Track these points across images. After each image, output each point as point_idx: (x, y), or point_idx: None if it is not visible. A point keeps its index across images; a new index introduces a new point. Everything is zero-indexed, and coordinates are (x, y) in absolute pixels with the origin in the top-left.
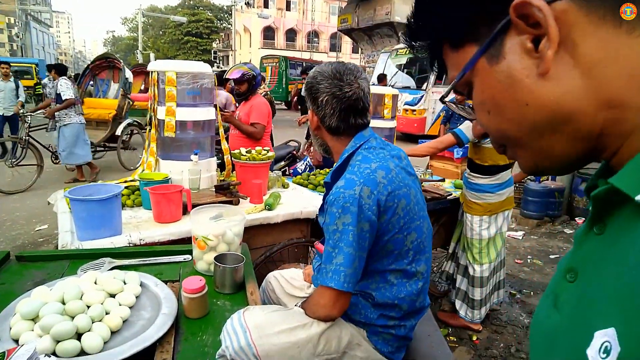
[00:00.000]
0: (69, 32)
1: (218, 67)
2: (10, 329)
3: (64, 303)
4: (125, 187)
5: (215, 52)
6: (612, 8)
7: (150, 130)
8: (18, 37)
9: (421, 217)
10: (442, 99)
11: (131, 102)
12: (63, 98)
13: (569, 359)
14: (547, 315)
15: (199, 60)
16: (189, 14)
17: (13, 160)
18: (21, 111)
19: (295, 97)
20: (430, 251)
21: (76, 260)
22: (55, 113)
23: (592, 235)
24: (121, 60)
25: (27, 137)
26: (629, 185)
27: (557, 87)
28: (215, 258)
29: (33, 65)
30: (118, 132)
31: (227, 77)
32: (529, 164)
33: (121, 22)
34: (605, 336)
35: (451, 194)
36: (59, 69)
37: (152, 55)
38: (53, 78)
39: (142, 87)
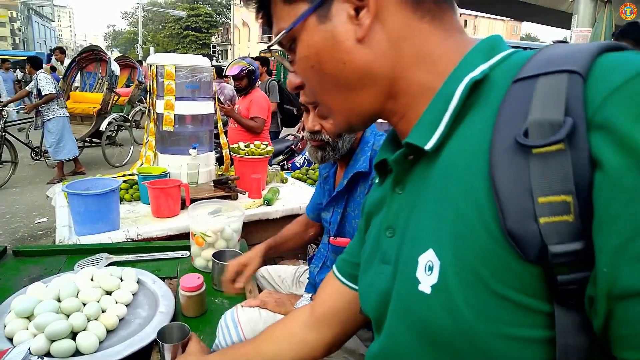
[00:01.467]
0: (70, 26)
1: (217, 61)
2: (5, 327)
3: (59, 300)
4: (124, 181)
5: (214, 47)
6: None
7: (148, 123)
8: (20, 30)
9: None
10: (268, 48)
11: (117, 96)
12: (43, 93)
13: (406, 290)
14: (379, 270)
15: (198, 54)
16: (188, 9)
17: None
18: None
19: None
20: None
21: (73, 255)
22: (39, 108)
23: (396, 195)
24: (107, 53)
25: (2, 133)
26: (419, 139)
27: (369, 53)
28: (214, 255)
29: (26, 59)
30: (102, 127)
31: (226, 73)
32: (341, 120)
33: (122, 17)
34: (426, 257)
35: None
36: (34, 63)
37: (151, 49)
38: (29, 73)
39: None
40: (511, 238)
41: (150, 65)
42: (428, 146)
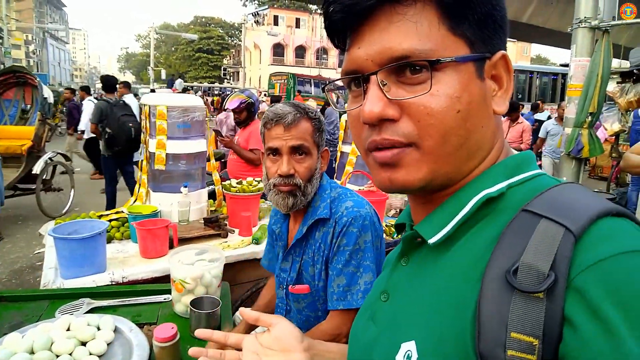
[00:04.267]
0: (84, 49)
1: (229, 82)
2: None
3: (33, 352)
4: (116, 219)
5: (225, 69)
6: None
7: (142, 162)
8: (34, 53)
9: None
10: (386, 65)
11: (54, 129)
12: None
13: None
14: (366, 327)
15: (209, 76)
16: (200, 31)
17: None
18: None
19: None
20: None
21: (56, 300)
22: None
23: (400, 266)
24: (36, 76)
25: None
26: (426, 232)
27: (492, 127)
28: (191, 302)
29: None
30: (36, 169)
31: (225, 107)
32: (427, 172)
33: (135, 39)
34: (408, 347)
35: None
36: None
37: (163, 72)
38: None
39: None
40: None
41: (144, 105)
42: (432, 240)
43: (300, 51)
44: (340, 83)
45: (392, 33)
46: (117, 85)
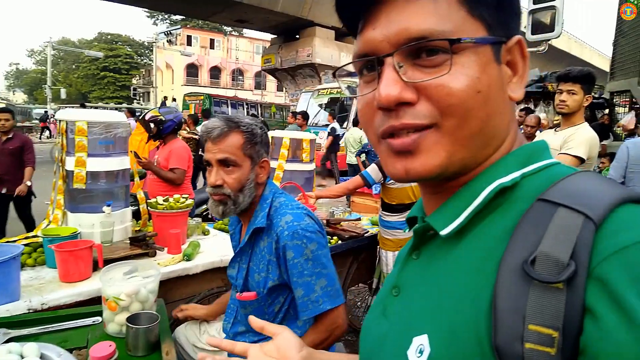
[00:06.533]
0: None
1: (138, 103)
2: None
3: None
4: (26, 245)
5: (134, 89)
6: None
7: (56, 181)
8: None
9: None
10: (408, 44)
11: None
12: None
13: (394, 358)
14: (378, 322)
15: (117, 96)
16: (106, 49)
17: None
18: None
19: None
20: None
21: None
22: None
23: (411, 260)
24: None
25: None
26: (438, 223)
27: (508, 114)
28: (128, 319)
29: None
30: None
31: (141, 118)
32: (444, 157)
33: (27, 54)
34: (420, 340)
35: (368, 232)
36: None
37: (62, 91)
38: None
39: None
40: (497, 353)
41: (60, 121)
42: (444, 232)
43: (215, 72)
44: (351, 68)
45: (410, 13)
46: None
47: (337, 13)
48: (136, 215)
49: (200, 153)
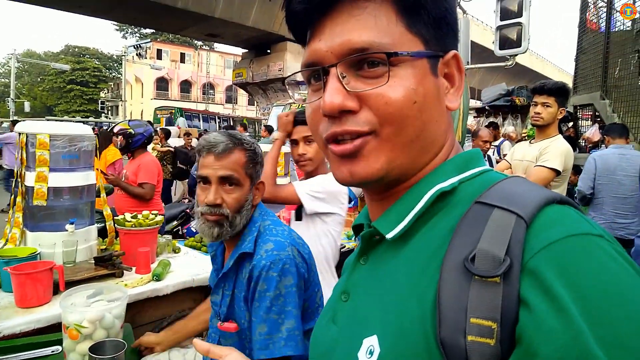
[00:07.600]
0: None
1: (106, 117)
2: None
3: None
4: None
5: (102, 102)
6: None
7: (15, 198)
8: None
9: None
10: (349, 56)
11: None
12: None
13: None
14: (327, 328)
15: (84, 110)
16: (73, 62)
17: None
18: None
19: None
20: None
21: None
22: None
23: (359, 265)
24: None
25: None
26: (383, 227)
27: (444, 123)
28: (90, 348)
29: None
30: None
31: (110, 130)
32: (384, 162)
33: None
34: (370, 342)
35: (345, 246)
36: None
37: (26, 104)
38: None
39: None
40: (442, 347)
41: (20, 134)
42: (390, 235)
43: (186, 86)
44: (299, 77)
45: (352, 26)
46: None
47: (287, 25)
48: (102, 233)
49: (182, 166)
